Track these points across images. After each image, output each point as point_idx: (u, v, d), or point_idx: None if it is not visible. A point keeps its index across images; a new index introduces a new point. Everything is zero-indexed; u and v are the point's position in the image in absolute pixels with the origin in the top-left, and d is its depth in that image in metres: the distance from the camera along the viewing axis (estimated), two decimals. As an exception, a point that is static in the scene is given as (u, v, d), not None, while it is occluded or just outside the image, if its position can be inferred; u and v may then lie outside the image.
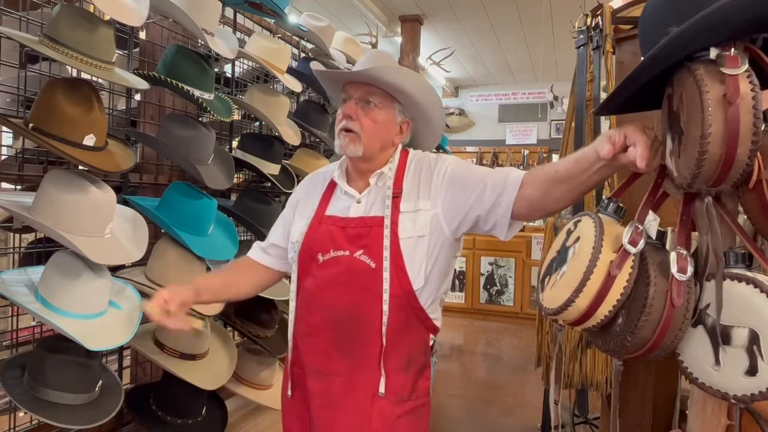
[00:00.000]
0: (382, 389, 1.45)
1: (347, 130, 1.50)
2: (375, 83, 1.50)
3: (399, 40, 7.20)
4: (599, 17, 2.63)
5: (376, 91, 1.51)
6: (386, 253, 1.44)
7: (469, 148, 9.66)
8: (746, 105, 0.80)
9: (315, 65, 1.66)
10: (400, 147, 1.60)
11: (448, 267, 1.55)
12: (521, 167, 9.20)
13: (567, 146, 2.96)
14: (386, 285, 1.44)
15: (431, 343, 1.58)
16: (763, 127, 0.85)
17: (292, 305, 1.58)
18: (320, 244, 1.52)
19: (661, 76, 0.97)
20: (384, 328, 1.43)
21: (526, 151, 9.36)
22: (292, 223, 1.65)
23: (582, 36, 2.76)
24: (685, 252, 0.90)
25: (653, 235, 0.96)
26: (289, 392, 1.59)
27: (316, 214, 1.57)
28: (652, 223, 0.96)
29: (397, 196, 1.50)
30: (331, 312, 1.49)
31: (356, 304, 1.46)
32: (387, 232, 1.45)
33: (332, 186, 1.62)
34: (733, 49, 0.83)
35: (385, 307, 1.43)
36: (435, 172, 1.52)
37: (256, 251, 1.76)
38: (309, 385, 1.53)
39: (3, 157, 2.15)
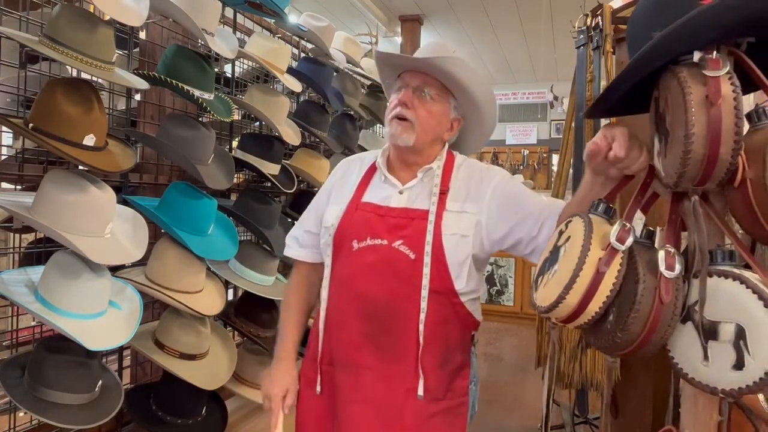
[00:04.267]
0: (420, 391, 1.40)
1: (401, 118, 1.46)
2: (435, 74, 1.46)
3: (399, 40, 7.21)
4: (599, 17, 2.64)
5: (434, 82, 1.47)
6: (428, 248, 1.39)
7: (470, 148, 9.66)
8: (728, 106, 0.83)
9: (380, 49, 1.62)
10: (447, 146, 1.56)
11: (483, 274, 1.54)
12: (521, 167, 9.22)
13: (567, 146, 2.97)
14: (426, 281, 1.39)
15: (472, 337, 1.54)
16: (746, 128, 0.87)
17: (324, 293, 1.51)
18: (356, 230, 1.47)
19: (651, 79, 0.99)
20: (421, 326, 1.39)
21: (526, 151, 9.37)
22: (326, 208, 1.59)
23: (582, 36, 2.77)
24: (673, 250, 0.91)
25: (638, 233, 0.98)
26: (318, 388, 1.52)
27: (353, 199, 1.52)
28: (637, 222, 0.98)
29: (443, 193, 1.46)
30: (365, 302, 1.44)
31: (392, 295, 1.41)
32: (431, 227, 1.41)
33: (371, 172, 1.57)
34: (715, 53, 0.86)
35: (423, 304, 1.38)
36: (484, 182, 1.49)
37: (294, 248, 1.68)
38: (337, 378, 1.48)
39: (3, 157, 2.16)
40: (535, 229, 1.41)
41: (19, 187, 1.95)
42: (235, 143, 2.93)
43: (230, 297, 2.85)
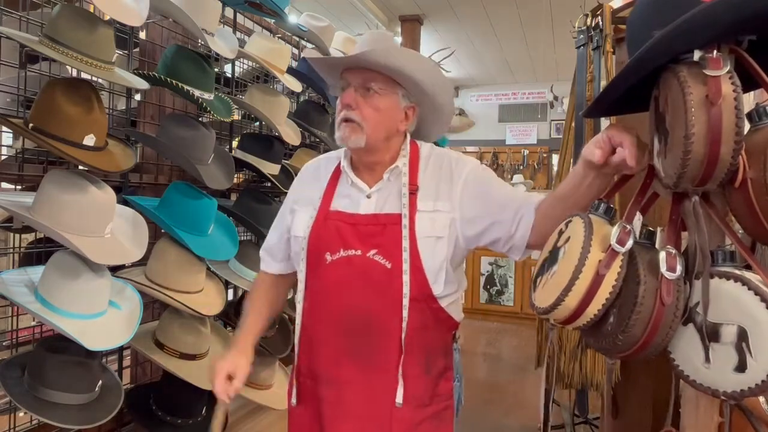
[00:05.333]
0: (399, 399, 1.36)
1: (347, 120, 1.39)
2: (373, 68, 1.38)
3: (399, 40, 7.20)
4: (599, 17, 2.64)
5: (375, 76, 1.38)
6: (405, 255, 1.35)
7: (469, 148, 9.66)
8: (728, 105, 0.82)
9: (309, 53, 1.55)
10: (408, 137, 1.49)
11: (460, 269, 1.49)
12: (521, 167, 9.22)
13: (567, 146, 2.97)
14: (406, 289, 1.34)
15: (454, 336, 1.51)
16: (747, 127, 0.87)
17: (299, 307, 1.47)
18: (327, 241, 1.41)
19: (651, 78, 0.98)
20: (403, 334, 1.35)
21: (526, 151, 9.37)
22: (294, 215, 1.53)
23: (582, 36, 2.77)
24: (674, 251, 0.91)
25: (638, 234, 0.97)
26: (294, 400, 1.48)
27: (321, 207, 1.46)
28: (636, 223, 0.98)
29: (413, 193, 1.40)
30: (342, 317, 1.39)
31: (371, 308, 1.37)
32: (405, 232, 1.35)
33: (337, 175, 1.51)
34: (715, 51, 0.85)
35: (405, 313, 1.34)
36: (455, 175, 1.43)
37: (267, 262, 1.65)
38: (320, 394, 1.44)
39: (3, 157, 2.16)
40: (512, 228, 1.38)
41: (19, 187, 1.95)
42: (235, 143, 2.93)
43: (230, 297, 2.85)
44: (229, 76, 3.02)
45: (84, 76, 1.88)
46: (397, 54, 1.35)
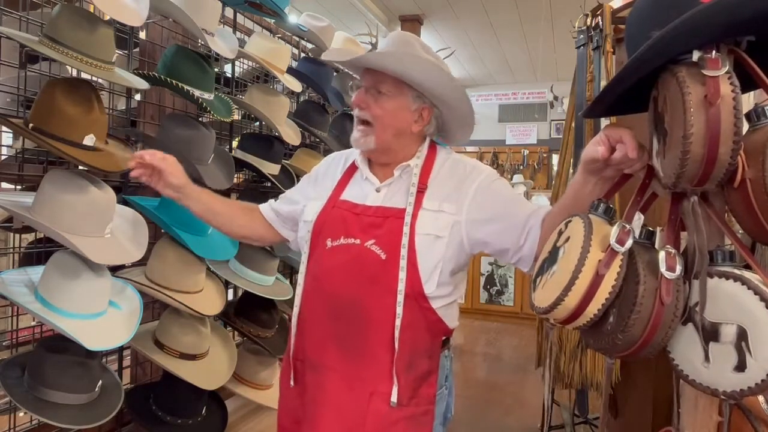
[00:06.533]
0: (394, 398, 1.36)
1: (362, 122, 1.45)
2: (381, 70, 1.42)
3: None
4: (599, 17, 2.64)
5: (385, 78, 1.42)
6: (404, 251, 1.36)
7: (469, 148, 9.64)
8: (727, 106, 0.82)
9: (329, 54, 1.55)
10: (428, 140, 1.52)
11: (460, 274, 1.49)
12: (521, 167, 9.21)
13: (567, 146, 2.97)
14: (401, 285, 1.35)
15: (444, 342, 1.49)
16: (746, 127, 0.86)
17: (299, 290, 1.49)
18: (331, 228, 1.45)
19: (650, 78, 0.98)
20: (397, 332, 1.34)
21: (526, 151, 9.36)
22: (308, 199, 1.59)
23: (582, 36, 2.77)
24: (673, 251, 0.91)
25: (637, 234, 0.97)
26: (292, 382, 1.49)
27: (332, 197, 1.51)
28: (636, 222, 0.98)
29: (421, 191, 1.43)
30: (333, 301, 1.41)
31: (361, 296, 1.38)
32: (406, 229, 1.37)
33: (352, 169, 1.56)
34: (714, 52, 0.85)
35: (399, 309, 1.35)
36: (468, 181, 1.45)
37: (266, 207, 1.72)
38: (306, 377, 1.46)
39: (3, 157, 2.16)
40: (521, 239, 1.38)
41: (19, 187, 1.95)
42: (235, 143, 2.93)
43: (230, 297, 2.86)
44: (229, 76, 3.02)
45: (84, 76, 1.88)
46: (398, 61, 1.38)
